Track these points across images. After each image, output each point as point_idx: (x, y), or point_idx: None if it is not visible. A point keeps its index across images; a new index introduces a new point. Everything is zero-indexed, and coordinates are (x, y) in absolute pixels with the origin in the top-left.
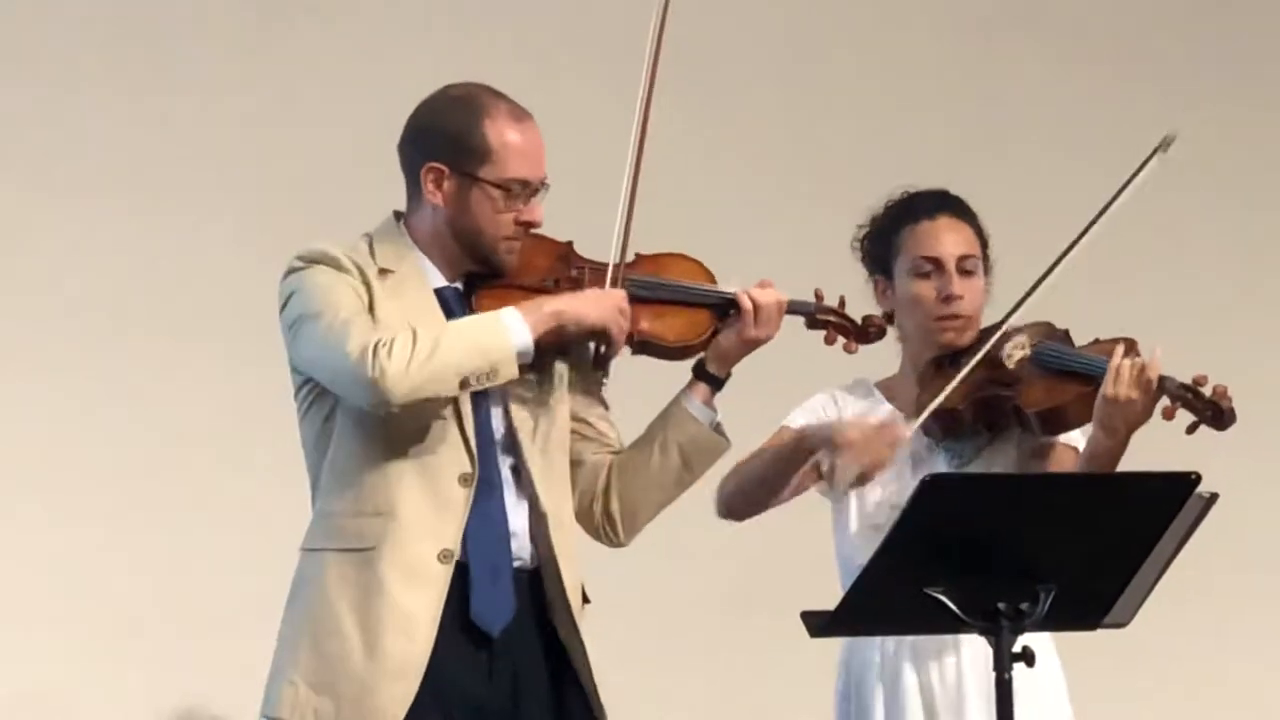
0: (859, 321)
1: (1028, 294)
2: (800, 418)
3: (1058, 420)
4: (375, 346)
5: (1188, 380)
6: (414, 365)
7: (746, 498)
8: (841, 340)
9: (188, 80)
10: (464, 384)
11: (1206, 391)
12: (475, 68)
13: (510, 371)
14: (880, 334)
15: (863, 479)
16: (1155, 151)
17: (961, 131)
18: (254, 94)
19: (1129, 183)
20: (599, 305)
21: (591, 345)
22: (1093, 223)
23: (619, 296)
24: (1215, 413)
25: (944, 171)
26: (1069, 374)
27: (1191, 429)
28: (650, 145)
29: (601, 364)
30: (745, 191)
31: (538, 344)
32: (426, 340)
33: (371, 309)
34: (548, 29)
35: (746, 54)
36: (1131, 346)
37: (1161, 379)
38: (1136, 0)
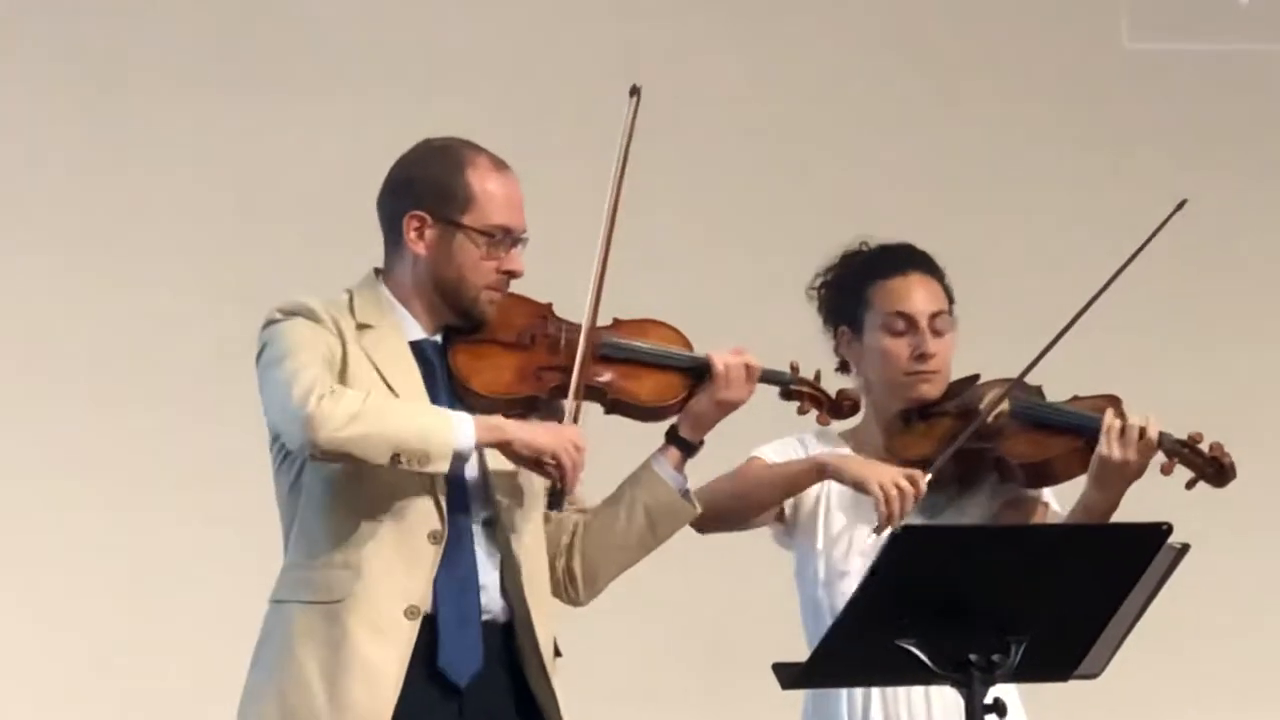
0: (833, 396)
1: (1040, 355)
2: (771, 453)
3: (1043, 474)
4: (321, 391)
5: (1183, 437)
6: (355, 421)
7: (729, 513)
8: (814, 412)
9: (150, 127)
10: (394, 459)
11: (1204, 448)
12: (450, 123)
13: (441, 465)
14: (854, 409)
15: (879, 531)
16: (1171, 216)
17: (934, 199)
18: (223, 152)
19: (1142, 248)
20: (552, 434)
21: (547, 481)
22: (1105, 287)
23: (574, 432)
24: (1217, 469)
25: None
26: (1053, 428)
27: (1190, 485)
28: (634, 218)
29: (555, 502)
30: (725, 266)
31: (480, 449)
32: (376, 403)
33: (345, 365)
34: (527, 98)
35: (729, 131)
36: (1117, 404)
37: (1159, 436)
38: (1108, 53)
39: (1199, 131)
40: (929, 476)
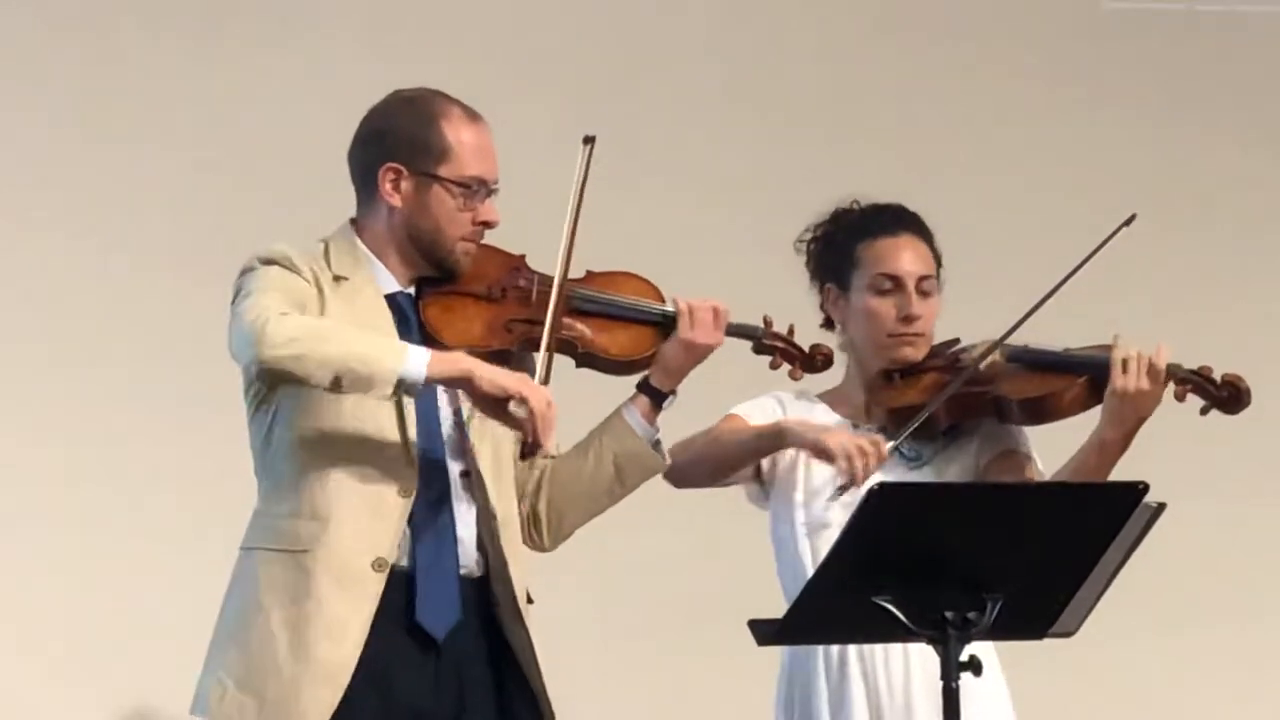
0: (806, 350)
1: (1021, 320)
2: (749, 409)
3: (1043, 409)
4: (274, 312)
5: (1194, 368)
6: (297, 339)
7: (695, 472)
8: (787, 366)
9: (130, 105)
10: (336, 382)
11: (1217, 377)
12: (428, 79)
13: (384, 389)
14: (827, 363)
15: (843, 490)
16: (1120, 227)
17: (911, 161)
18: (197, 114)
19: (1092, 255)
20: (521, 380)
21: (519, 434)
22: (1054, 290)
23: (546, 389)
24: (1233, 393)
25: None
26: (1053, 368)
27: (1204, 411)
28: (607, 174)
29: (526, 451)
30: (701, 220)
31: (434, 383)
32: (325, 326)
33: (323, 311)
34: (506, 48)
35: (708, 86)
36: (1115, 344)
37: (1169, 367)
38: (1088, 19)
39: (1177, 92)
40: (891, 444)
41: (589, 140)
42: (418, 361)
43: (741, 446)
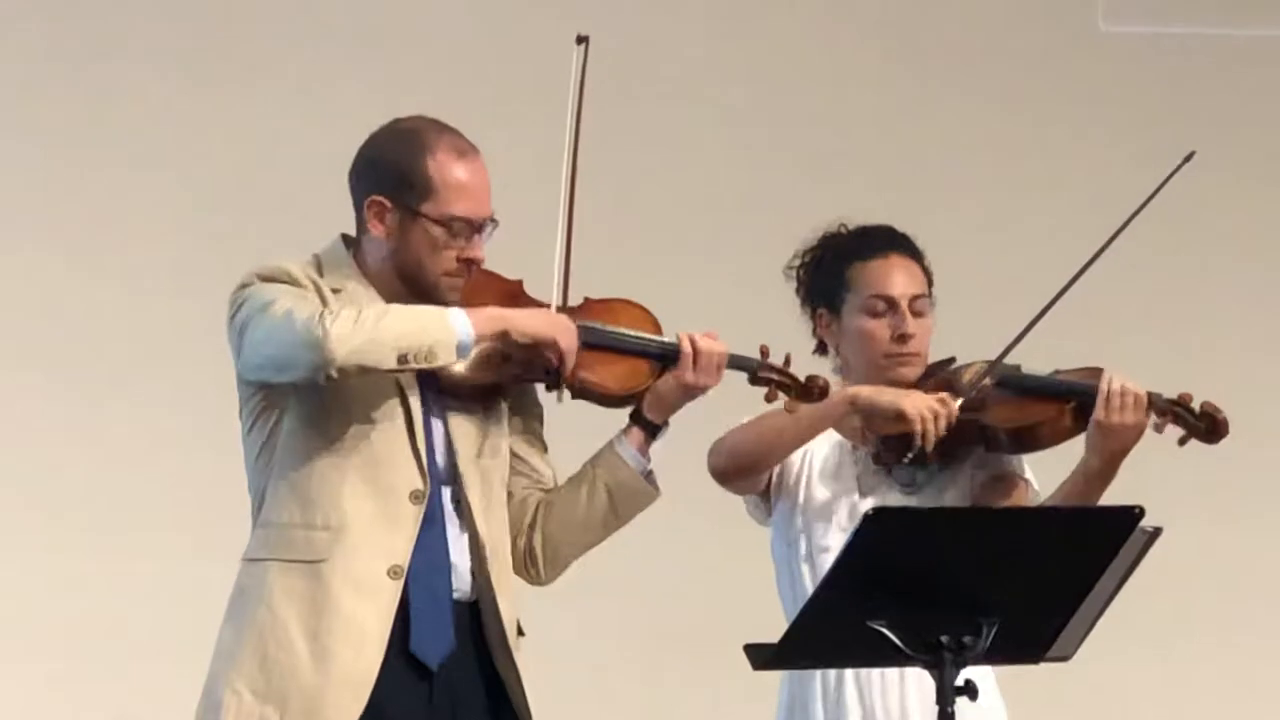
0: (803, 381)
1: (1025, 330)
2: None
3: (1031, 438)
4: (323, 312)
5: (1173, 396)
6: (358, 328)
7: (753, 456)
8: (783, 398)
9: (124, 122)
10: (402, 359)
11: (1195, 406)
12: (417, 106)
13: (448, 356)
14: (823, 395)
15: (915, 458)
16: (1181, 165)
17: (909, 182)
18: (189, 132)
19: (1145, 204)
20: (546, 319)
21: (544, 367)
22: (1104, 248)
23: (567, 319)
24: (1211, 425)
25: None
26: (1040, 394)
27: (1183, 441)
28: (604, 195)
29: (554, 384)
30: (696, 245)
31: (480, 342)
32: (372, 311)
33: None
34: (492, 65)
35: (698, 106)
36: (1102, 375)
37: (1150, 397)
38: (1082, 40)
39: (1173, 115)
40: (960, 401)
41: (582, 40)
42: (464, 323)
43: (806, 422)
